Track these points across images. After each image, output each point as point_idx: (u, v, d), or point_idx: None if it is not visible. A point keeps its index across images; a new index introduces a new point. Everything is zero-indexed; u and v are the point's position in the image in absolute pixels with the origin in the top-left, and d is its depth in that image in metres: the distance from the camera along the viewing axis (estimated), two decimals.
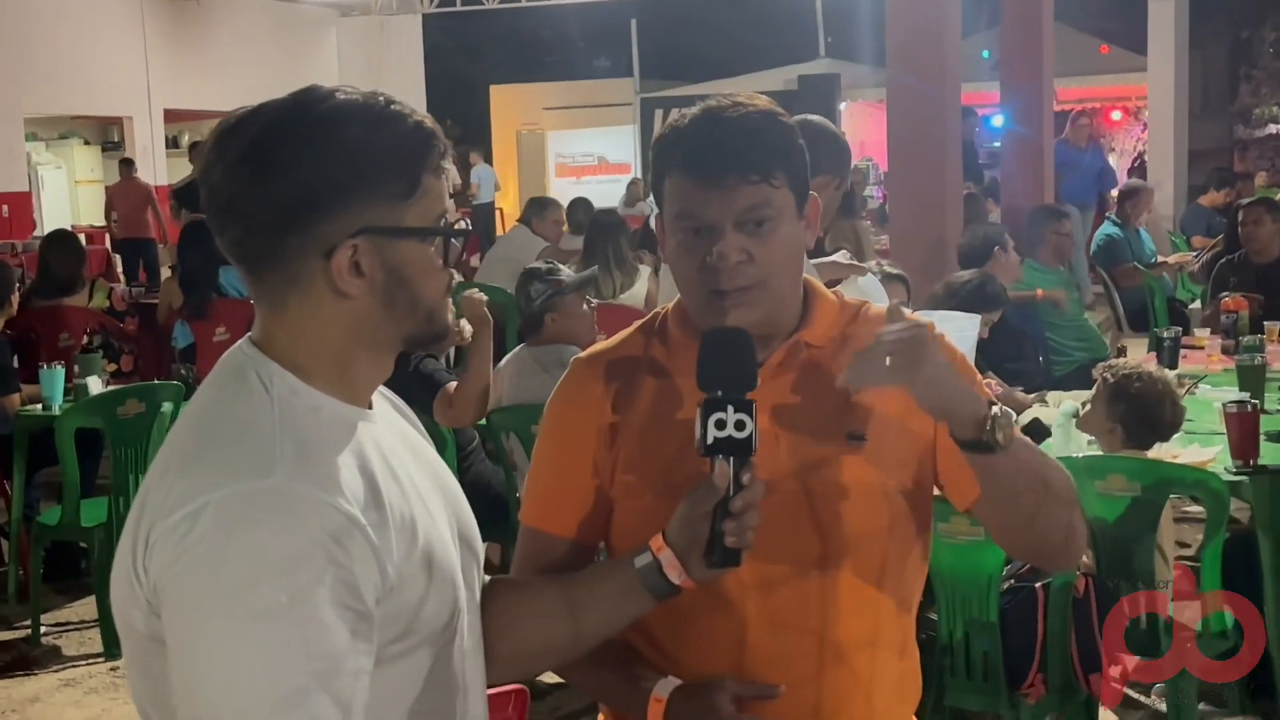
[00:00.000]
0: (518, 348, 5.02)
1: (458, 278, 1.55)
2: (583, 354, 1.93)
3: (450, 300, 1.53)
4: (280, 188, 1.39)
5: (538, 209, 9.43)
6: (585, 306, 4.89)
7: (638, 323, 1.93)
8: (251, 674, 1.28)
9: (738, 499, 1.58)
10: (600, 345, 1.94)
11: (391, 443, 1.50)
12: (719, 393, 1.61)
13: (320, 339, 1.45)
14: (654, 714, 1.71)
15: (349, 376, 1.47)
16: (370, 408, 1.51)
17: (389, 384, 1.65)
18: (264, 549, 1.30)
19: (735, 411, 1.59)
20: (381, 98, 1.45)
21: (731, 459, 1.59)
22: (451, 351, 6.40)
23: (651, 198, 1.86)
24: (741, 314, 1.73)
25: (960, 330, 3.94)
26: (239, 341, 1.49)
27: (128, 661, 1.43)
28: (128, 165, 14.86)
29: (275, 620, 1.29)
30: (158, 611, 1.33)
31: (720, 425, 1.59)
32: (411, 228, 1.45)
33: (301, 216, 1.40)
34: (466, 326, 5.18)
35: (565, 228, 9.69)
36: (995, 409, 1.65)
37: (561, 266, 5.03)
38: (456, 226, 1.50)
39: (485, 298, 4.88)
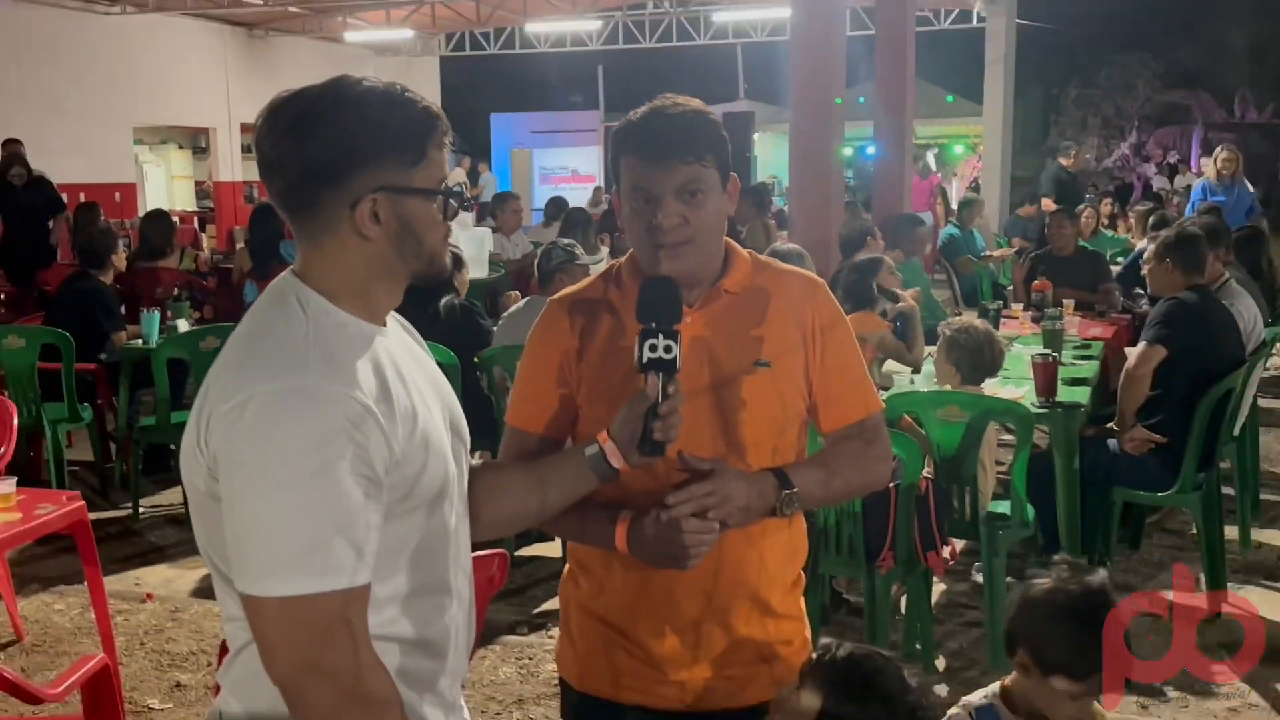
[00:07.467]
0: (530, 297, 5.28)
1: (454, 232, 1.51)
2: (556, 295, 1.88)
3: (447, 247, 1.49)
4: (317, 151, 1.34)
5: (499, 203, 9.19)
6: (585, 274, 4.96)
7: (599, 271, 1.89)
8: (287, 523, 1.25)
9: (664, 405, 1.56)
10: (570, 289, 1.89)
11: (400, 353, 1.45)
12: (652, 324, 1.59)
13: (346, 271, 1.40)
14: (621, 527, 1.70)
15: (369, 301, 1.42)
16: (385, 326, 1.46)
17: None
18: (299, 430, 1.26)
19: (664, 339, 1.57)
20: (399, 86, 1.40)
21: (660, 375, 1.57)
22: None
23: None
24: (676, 263, 1.69)
25: None
26: (284, 271, 1.44)
27: (192, 513, 1.39)
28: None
29: (307, 484, 1.25)
30: (215, 476, 1.29)
31: (653, 349, 1.57)
32: (418, 188, 1.40)
33: (332, 175, 1.35)
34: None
35: (528, 220, 9.62)
36: (782, 496, 1.70)
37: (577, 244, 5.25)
38: (454, 190, 1.45)
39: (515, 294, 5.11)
